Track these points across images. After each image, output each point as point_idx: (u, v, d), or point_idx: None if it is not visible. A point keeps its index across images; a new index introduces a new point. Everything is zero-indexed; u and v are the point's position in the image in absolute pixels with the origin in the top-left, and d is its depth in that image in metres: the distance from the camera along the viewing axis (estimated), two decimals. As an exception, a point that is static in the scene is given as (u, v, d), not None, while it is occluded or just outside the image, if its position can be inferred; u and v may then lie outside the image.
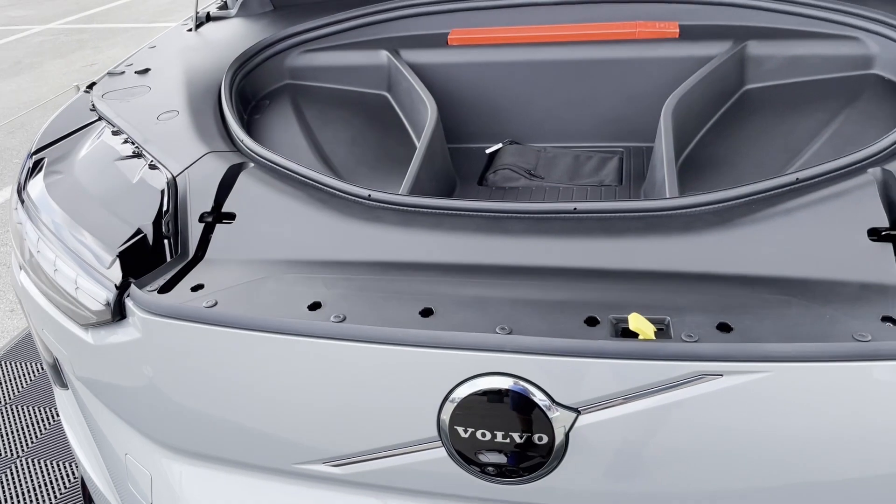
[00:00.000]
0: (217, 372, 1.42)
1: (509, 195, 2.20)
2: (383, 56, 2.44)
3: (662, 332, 1.26)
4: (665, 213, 1.51)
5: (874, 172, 1.52)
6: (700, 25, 2.33)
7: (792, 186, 1.53)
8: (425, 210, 1.61)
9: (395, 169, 2.11)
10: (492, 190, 2.24)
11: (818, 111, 2.04)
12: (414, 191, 1.84)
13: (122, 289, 1.51)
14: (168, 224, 1.66)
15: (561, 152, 2.39)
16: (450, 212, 1.60)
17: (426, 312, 1.34)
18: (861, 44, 2.17)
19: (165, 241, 1.64)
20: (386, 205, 1.64)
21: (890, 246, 1.38)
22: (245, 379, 1.40)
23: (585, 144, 2.46)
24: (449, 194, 2.18)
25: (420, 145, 1.97)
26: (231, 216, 1.66)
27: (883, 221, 1.41)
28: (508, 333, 1.26)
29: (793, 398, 1.20)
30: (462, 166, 2.42)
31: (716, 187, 1.89)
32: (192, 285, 1.49)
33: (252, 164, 1.80)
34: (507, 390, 1.26)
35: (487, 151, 2.46)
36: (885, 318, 1.24)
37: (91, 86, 2.29)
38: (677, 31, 2.30)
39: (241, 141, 1.89)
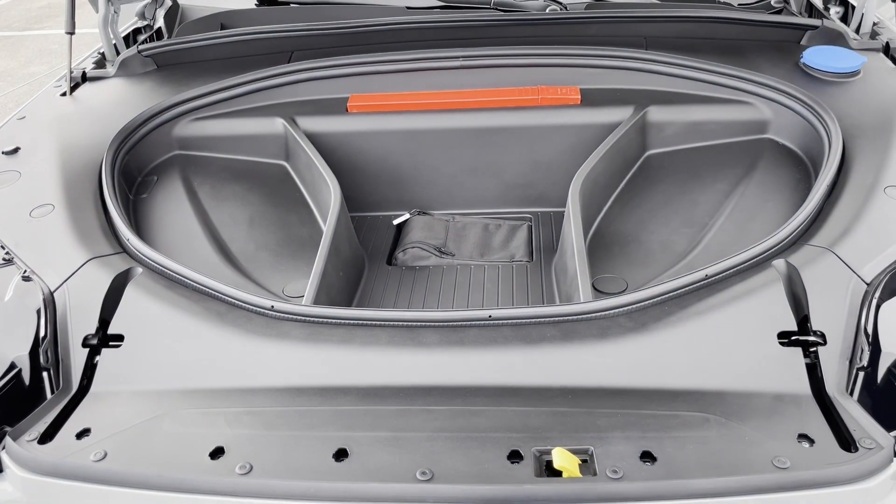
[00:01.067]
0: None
1: (420, 275, 2.13)
2: (279, 124, 2.33)
3: (586, 464, 1.22)
4: (579, 317, 1.49)
5: (778, 266, 1.54)
6: (601, 90, 2.34)
7: (702, 283, 1.53)
8: (334, 321, 1.52)
9: (300, 253, 2.01)
10: (402, 270, 2.17)
11: (719, 181, 2.08)
12: (321, 290, 1.74)
13: (-6, 440, 1.35)
14: (47, 352, 1.50)
15: (470, 222, 2.35)
16: (360, 322, 1.52)
17: (340, 454, 1.25)
18: (755, 108, 2.23)
19: (44, 374, 1.47)
20: (291, 316, 1.54)
21: (799, 351, 1.40)
22: (143, 543, 1.27)
23: (493, 211, 2.43)
24: (358, 280, 2.10)
25: (324, 238, 1.87)
26: (119, 338, 1.52)
27: (791, 324, 1.43)
28: (429, 480, 1.19)
29: (719, 532, 1.19)
30: (369, 238, 2.33)
31: (625, 267, 1.90)
32: (78, 430, 1.34)
33: (140, 270, 1.66)
34: (431, 542, 1.19)
35: (395, 223, 2.39)
36: (801, 437, 1.25)
37: None
38: (579, 96, 2.30)
39: (128, 240, 1.74)
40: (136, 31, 3.01)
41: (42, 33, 9.36)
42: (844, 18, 2.66)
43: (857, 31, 2.51)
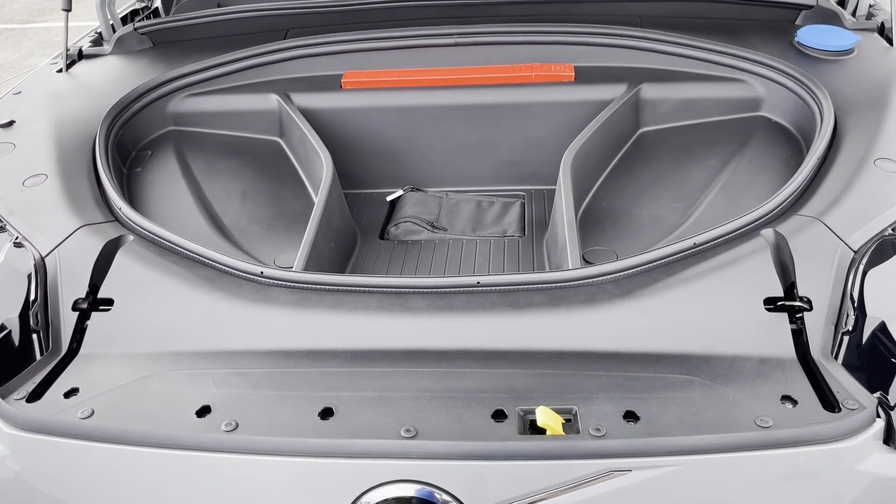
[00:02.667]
0: (97, 492, 1.29)
1: (412, 249, 2.13)
2: (273, 100, 2.33)
3: (570, 423, 1.23)
4: (567, 284, 1.49)
5: (766, 235, 1.54)
6: (595, 67, 2.34)
7: (689, 252, 1.54)
8: (323, 287, 1.53)
9: (292, 226, 2.01)
10: (394, 244, 2.17)
11: (711, 157, 2.08)
12: (311, 259, 1.74)
13: (-17, 399, 1.36)
14: (37, 315, 1.50)
15: (463, 199, 2.35)
16: (349, 288, 1.52)
17: (326, 413, 1.26)
18: (748, 86, 2.23)
19: (34, 336, 1.48)
20: (280, 282, 1.54)
21: (785, 316, 1.40)
22: (129, 499, 1.28)
23: (487, 188, 2.43)
24: (350, 252, 2.10)
25: (315, 208, 1.87)
26: (108, 302, 1.53)
27: (777, 290, 1.43)
28: (413, 437, 1.20)
29: (701, 489, 1.19)
30: (363, 215, 2.34)
31: (616, 241, 1.90)
32: (66, 390, 1.35)
33: (132, 238, 1.66)
34: (415, 498, 1.20)
35: (388, 199, 2.39)
36: (784, 398, 1.25)
37: None
38: (573, 73, 2.30)
39: (119, 209, 1.75)
40: (134, 13, 3.01)
41: (45, 26, 9.35)
42: (841, 2, 2.66)
43: (854, 13, 2.51)
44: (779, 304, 1.41)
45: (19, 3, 11.11)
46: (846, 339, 1.35)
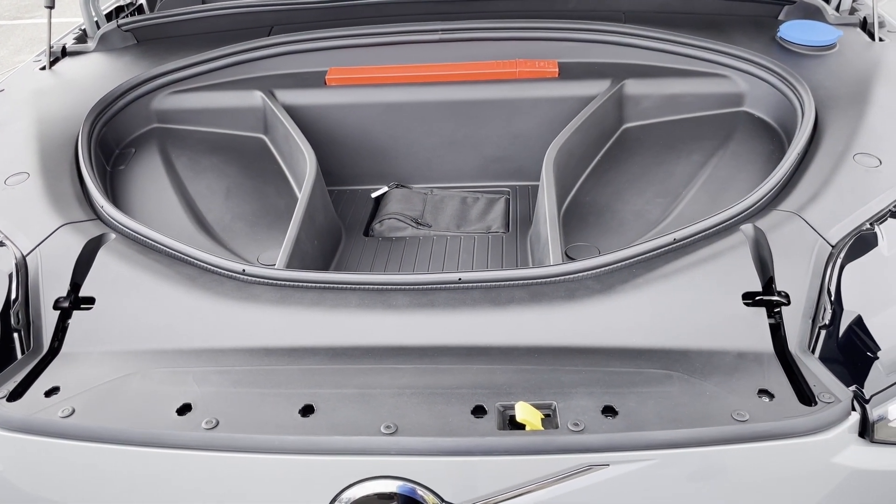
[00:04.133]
0: (79, 491, 1.29)
1: (396, 245, 2.14)
2: (258, 97, 2.33)
3: (549, 418, 1.24)
4: (548, 280, 1.50)
5: (745, 230, 1.56)
6: (579, 63, 2.35)
7: (670, 247, 1.55)
8: (304, 285, 1.53)
9: (276, 223, 2.01)
10: (378, 241, 2.17)
11: (694, 153, 2.09)
12: (294, 256, 1.75)
13: (-37, 398, 1.36)
14: (18, 314, 1.50)
15: (448, 195, 2.36)
16: (331, 286, 1.53)
17: (306, 410, 1.26)
18: (731, 82, 2.24)
19: (15, 335, 1.48)
20: (262, 279, 1.55)
21: (763, 311, 1.41)
22: (111, 497, 1.28)
23: (472, 185, 2.43)
24: (334, 250, 2.11)
25: (298, 205, 1.87)
26: (90, 301, 1.53)
27: (756, 284, 1.44)
28: (393, 433, 1.20)
29: (679, 483, 1.20)
30: (347, 211, 2.34)
31: (600, 236, 1.91)
32: (47, 389, 1.35)
33: (114, 236, 1.66)
34: (395, 494, 1.21)
35: (373, 196, 2.39)
36: (761, 392, 1.26)
37: None
38: (556, 70, 2.30)
39: (102, 207, 1.74)
40: (119, 10, 3.00)
41: (32, 22, 9.28)
42: None
43: (838, 8, 2.52)
44: (757, 298, 1.42)
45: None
46: (823, 332, 1.37)
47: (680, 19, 2.48)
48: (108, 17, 2.88)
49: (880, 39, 2.29)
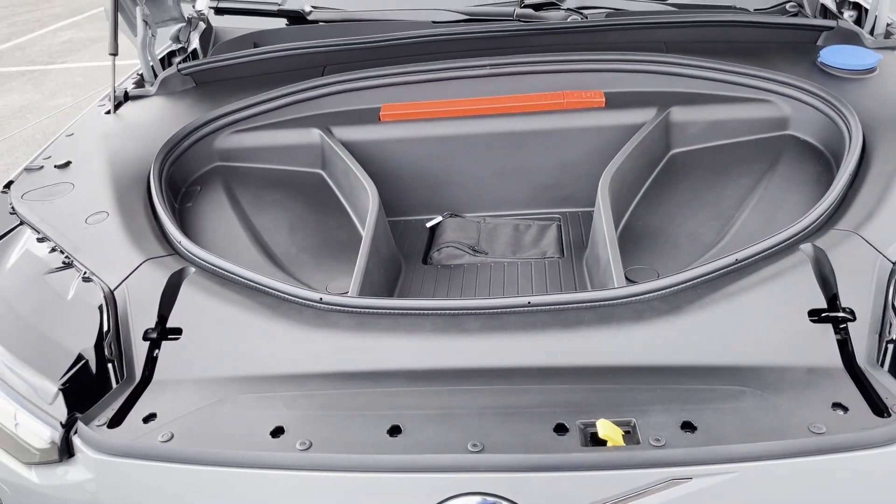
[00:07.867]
0: (179, 511, 1.36)
1: (455, 273, 2.21)
2: (315, 134, 2.42)
3: (629, 434, 1.28)
4: (615, 302, 1.55)
5: (806, 249, 1.60)
6: (624, 93, 2.42)
7: (732, 267, 1.59)
8: (380, 311, 1.60)
9: (340, 255, 2.09)
10: (438, 269, 2.24)
11: (742, 176, 2.14)
12: (364, 285, 1.82)
13: (68, 426, 1.43)
14: (111, 345, 1.58)
15: (501, 223, 2.43)
16: (405, 311, 1.59)
17: (394, 431, 1.32)
18: (775, 106, 2.30)
19: (109, 365, 1.56)
20: (339, 307, 1.61)
21: (830, 327, 1.45)
22: (210, 517, 1.35)
23: (523, 212, 2.50)
24: (396, 278, 2.18)
25: (365, 237, 1.95)
26: (177, 331, 1.60)
27: (820, 302, 1.48)
28: (481, 451, 1.26)
29: (759, 495, 1.24)
30: (404, 242, 2.41)
31: (655, 259, 1.96)
32: (144, 415, 1.42)
33: (193, 270, 1.75)
34: (484, 509, 1.25)
35: (428, 225, 2.47)
36: (836, 405, 1.30)
37: (8, 185, 2.17)
38: (603, 99, 2.37)
39: (179, 242, 1.83)
40: (171, 54, 3.13)
41: (65, 67, 9.59)
42: (858, 21, 2.72)
43: (872, 32, 2.58)
44: (823, 315, 1.46)
45: (39, 45, 11.42)
46: (891, 347, 1.40)
47: (720, 47, 2.54)
48: (161, 61, 3.01)
49: None
